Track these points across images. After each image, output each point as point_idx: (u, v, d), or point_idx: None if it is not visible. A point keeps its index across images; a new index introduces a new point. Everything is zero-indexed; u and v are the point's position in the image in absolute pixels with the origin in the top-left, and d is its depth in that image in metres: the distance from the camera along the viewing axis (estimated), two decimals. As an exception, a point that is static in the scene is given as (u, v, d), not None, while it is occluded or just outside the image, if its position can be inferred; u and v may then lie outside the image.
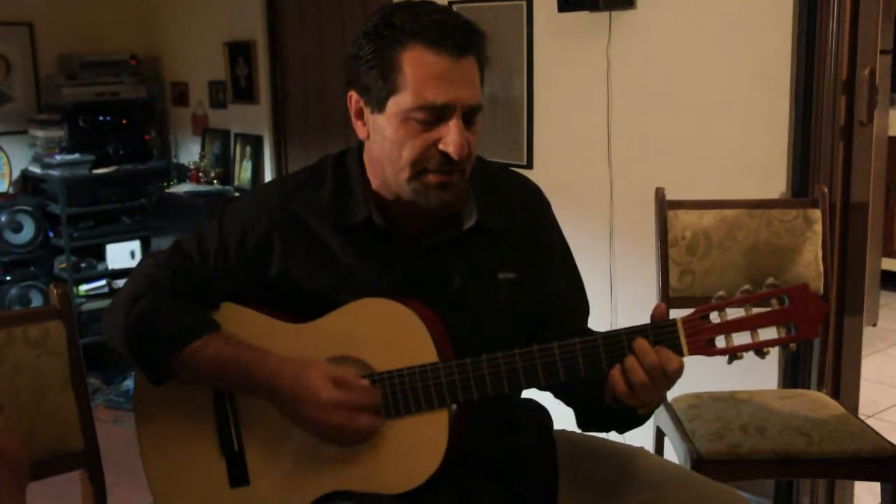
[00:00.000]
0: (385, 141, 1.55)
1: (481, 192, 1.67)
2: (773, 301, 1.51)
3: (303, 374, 1.55)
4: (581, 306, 1.79)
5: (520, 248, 1.69)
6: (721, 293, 1.53)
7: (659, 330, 1.51)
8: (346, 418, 1.53)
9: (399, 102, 1.51)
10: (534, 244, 1.71)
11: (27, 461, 1.48)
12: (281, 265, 1.64)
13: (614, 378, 1.51)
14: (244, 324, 1.63)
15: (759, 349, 1.51)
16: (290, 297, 1.64)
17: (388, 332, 1.57)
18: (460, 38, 1.50)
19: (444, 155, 1.51)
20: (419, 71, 1.49)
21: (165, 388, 1.65)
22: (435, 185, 1.54)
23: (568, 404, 1.74)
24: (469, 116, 1.53)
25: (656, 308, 1.54)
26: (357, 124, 1.61)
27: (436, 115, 1.50)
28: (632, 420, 1.63)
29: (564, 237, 1.78)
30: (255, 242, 1.65)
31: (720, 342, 1.51)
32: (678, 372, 1.49)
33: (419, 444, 1.56)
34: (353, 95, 1.59)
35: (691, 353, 1.51)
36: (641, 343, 1.49)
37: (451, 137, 1.50)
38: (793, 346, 1.52)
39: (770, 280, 1.53)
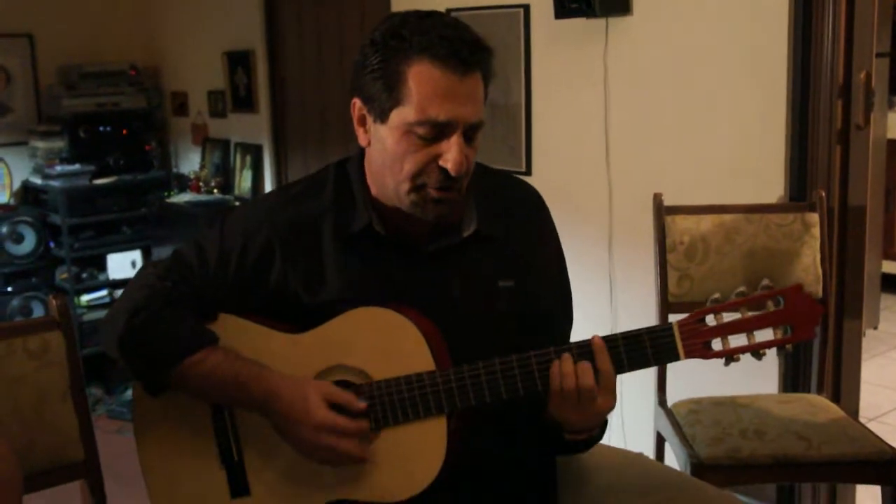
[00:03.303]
0: (386, 151, 1.55)
1: (481, 200, 1.66)
2: (769, 303, 1.51)
3: (299, 394, 1.55)
4: (565, 318, 1.78)
5: (518, 256, 1.68)
6: (716, 295, 1.53)
7: (655, 334, 1.51)
8: (334, 441, 1.53)
9: (402, 115, 1.51)
10: (531, 252, 1.71)
11: (21, 476, 1.49)
12: (280, 275, 1.64)
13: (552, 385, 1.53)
14: (242, 335, 1.63)
15: (756, 351, 1.51)
16: (290, 307, 1.64)
17: (385, 341, 1.58)
18: (467, 55, 1.50)
19: (443, 171, 1.52)
20: (424, 86, 1.49)
21: (164, 399, 1.65)
22: (433, 200, 1.54)
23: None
24: (470, 133, 1.54)
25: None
26: (359, 131, 1.60)
27: (437, 131, 1.50)
28: (562, 446, 1.63)
29: (561, 246, 1.78)
30: (256, 253, 1.65)
31: (716, 345, 1.51)
32: (593, 391, 1.50)
33: (418, 451, 1.56)
34: (357, 102, 1.58)
35: (688, 356, 1.51)
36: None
37: (451, 154, 1.50)
38: (789, 347, 1.52)
39: (765, 282, 1.53)
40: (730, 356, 1.52)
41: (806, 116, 2.78)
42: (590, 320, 1.78)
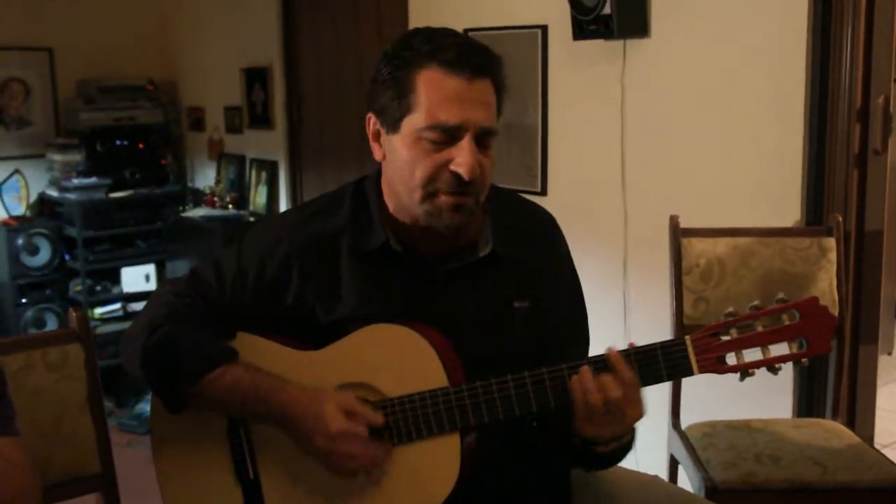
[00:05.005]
0: (398, 161, 1.56)
1: (498, 221, 1.67)
2: (784, 316, 1.49)
3: (315, 404, 1.55)
4: (581, 340, 1.78)
5: (534, 278, 1.69)
6: (731, 309, 1.52)
7: (668, 348, 1.51)
8: (349, 448, 1.53)
9: (412, 122, 1.52)
10: (547, 273, 1.71)
11: (40, 488, 1.49)
12: (298, 291, 1.65)
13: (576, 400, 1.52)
14: (258, 353, 1.64)
15: (771, 365, 1.50)
16: (306, 323, 1.64)
17: (399, 358, 1.58)
18: (475, 60, 1.52)
19: (456, 176, 1.52)
20: (433, 91, 1.51)
21: (181, 416, 1.65)
22: (448, 207, 1.55)
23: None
24: (483, 139, 1.54)
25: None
26: (374, 146, 1.62)
27: (448, 136, 1.52)
28: (595, 460, 1.63)
29: (576, 269, 1.79)
30: (274, 270, 1.66)
31: (731, 360, 1.50)
32: (621, 402, 1.49)
33: (432, 468, 1.56)
34: (372, 117, 1.61)
35: (701, 371, 1.51)
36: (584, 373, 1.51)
37: (462, 158, 1.51)
38: (805, 361, 1.50)
39: (780, 295, 1.51)
40: (744, 371, 1.50)
41: (823, 140, 2.78)
42: (602, 342, 1.77)
